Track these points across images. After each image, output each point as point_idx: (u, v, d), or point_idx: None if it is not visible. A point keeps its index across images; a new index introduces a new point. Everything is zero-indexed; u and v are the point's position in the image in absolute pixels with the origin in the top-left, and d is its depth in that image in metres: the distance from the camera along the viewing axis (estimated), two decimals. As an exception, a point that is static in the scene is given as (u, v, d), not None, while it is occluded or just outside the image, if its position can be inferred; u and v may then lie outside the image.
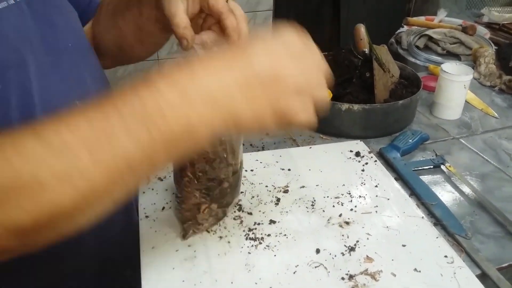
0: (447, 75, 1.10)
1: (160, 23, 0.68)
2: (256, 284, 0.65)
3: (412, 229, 0.75)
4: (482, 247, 0.75)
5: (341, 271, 0.68)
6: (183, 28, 0.60)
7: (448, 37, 1.64)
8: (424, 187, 0.86)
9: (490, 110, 1.18)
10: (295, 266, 0.68)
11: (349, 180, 0.86)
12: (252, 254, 0.70)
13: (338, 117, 1.02)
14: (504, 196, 0.87)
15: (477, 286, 0.66)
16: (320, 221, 0.77)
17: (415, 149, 1.00)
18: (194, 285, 0.65)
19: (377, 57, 1.07)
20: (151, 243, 0.72)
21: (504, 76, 1.29)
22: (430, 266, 0.68)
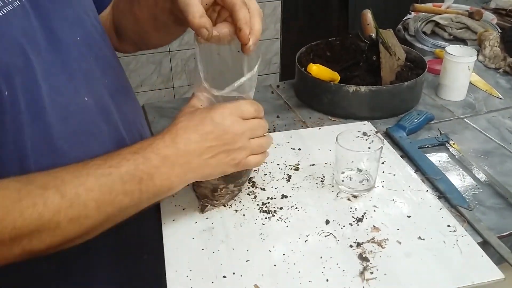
0: (451, 57, 1.13)
1: (173, 15, 0.69)
2: (270, 252, 0.70)
3: (417, 202, 0.80)
4: (484, 218, 0.79)
5: (349, 239, 0.72)
6: (200, 17, 0.60)
7: (454, 22, 1.67)
8: (428, 163, 0.90)
9: (494, 91, 1.21)
10: (306, 236, 0.73)
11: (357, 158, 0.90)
12: (265, 225, 0.75)
13: (346, 99, 1.06)
14: (506, 171, 0.91)
15: (478, 252, 0.70)
16: (329, 195, 0.82)
17: (420, 129, 1.04)
18: (212, 253, 0.70)
19: (383, 40, 1.10)
20: (171, 216, 0.77)
21: (509, 58, 1.32)
22: (434, 235, 0.73)
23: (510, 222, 0.78)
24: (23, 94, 0.59)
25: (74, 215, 0.56)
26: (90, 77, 0.69)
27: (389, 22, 1.59)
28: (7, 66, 0.57)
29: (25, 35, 0.59)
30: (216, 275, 0.66)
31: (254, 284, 0.65)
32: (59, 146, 0.63)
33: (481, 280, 0.65)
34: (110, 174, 0.58)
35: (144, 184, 0.61)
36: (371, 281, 0.65)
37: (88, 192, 0.57)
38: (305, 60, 1.18)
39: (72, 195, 0.56)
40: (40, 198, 0.54)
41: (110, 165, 0.59)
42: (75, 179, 0.57)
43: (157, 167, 0.61)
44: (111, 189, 0.58)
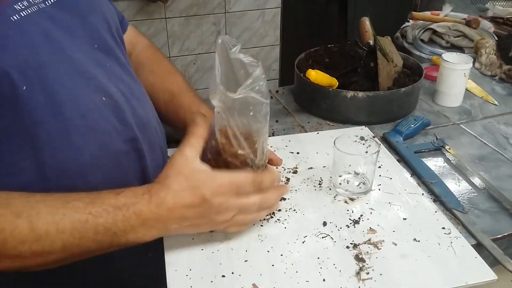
0: (448, 64, 1.15)
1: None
2: (268, 252, 0.72)
3: (412, 204, 0.81)
4: (478, 221, 0.80)
5: (346, 241, 0.74)
6: None
7: (452, 30, 1.69)
8: (424, 167, 0.92)
9: (490, 97, 1.23)
10: (303, 237, 0.74)
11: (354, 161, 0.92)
12: (264, 226, 0.77)
13: (344, 104, 1.08)
14: (501, 175, 0.92)
15: (472, 254, 0.71)
16: (327, 198, 0.83)
17: (417, 134, 1.06)
18: (212, 253, 0.71)
19: (381, 47, 1.12)
20: (171, 217, 0.78)
21: (504, 65, 1.34)
22: (429, 237, 0.74)
23: (504, 225, 0.80)
24: (43, 89, 0.61)
25: (39, 250, 0.57)
26: (107, 80, 0.71)
27: (388, 29, 1.61)
28: (27, 62, 0.59)
29: (47, 35, 0.63)
30: (215, 274, 0.68)
31: (252, 284, 0.66)
32: (75, 141, 0.66)
33: (474, 281, 0.67)
34: (87, 221, 0.59)
35: (116, 238, 0.62)
36: (367, 281, 0.66)
37: (59, 232, 0.58)
38: (304, 66, 1.20)
39: (42, 231, 0.57)
40: (10, 225, 0.56)
41: (89, 212, 0.59)
42: (50, 216, 0.58)
43: (134, 227, 0.62)
44: (82, 235, 0.59)
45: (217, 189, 0.65)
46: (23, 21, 0.60)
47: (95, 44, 0.72)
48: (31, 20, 0.61)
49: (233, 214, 0.68)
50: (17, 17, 0.59)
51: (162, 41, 2.51)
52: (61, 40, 0.65)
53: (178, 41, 2.52)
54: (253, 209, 0.70)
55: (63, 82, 0.64)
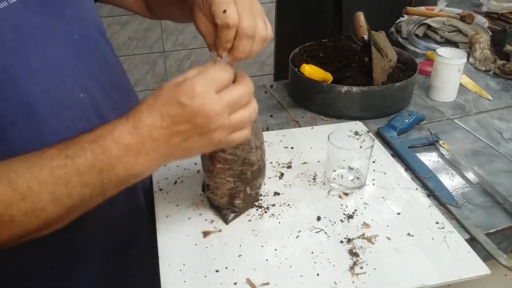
0: (442, 59, 1.15)
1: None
2: (262, 247, 0.71)
3: (406, 199, 0.81)
4: (472, 215, 0.80)
5: (340, 235, 0.74)
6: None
7: (446, 25, 1.70)
8: (418, 162, 0.92)
9: (484, 92, 1.23)
10: (297, 231, 0.74)
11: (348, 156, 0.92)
12: (258, 221, 0.76)
13: (338, 99, 1.08)
14: (494, 170, 0.92)
15: (465, 248, 0.71)
16: (321, 193, 0.83)
17: (411, 129, 1.06)
18: (205, 248, 0.71)
19: (375, 42, 1.12)
20: (165, 212, 0.78)
21: (498, 60, 1.34)
22: (422, 231, 0.74)
23: (497, 220, 0.80)
24: (14, 89, 0.59)
25: (28, 209, 0.53)
26: (86, 75, 0.69)
27: (382, 24, 1.61)
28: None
29: (20, 31, 0.60)
30: (209, 269, 0.67)
31: (246, 278, 0.66)
32: (50, 142, 0.62)
33: (468, 275, 0.67)
34: (66, 165, 0.53)
35: (106, 175, 0.55)
36: (360, 276, 0.66)
37: (41, 185, 0.53)
38: (298, 60, 1.20)
39: (24, 189, 0.53)
40: None
41: (66, 156, 0.54)
42: (28, 171, 0.53)
43: (119, 157, 0.55)
44: (67, 181, 0.54)
45: (192, 88, 0.54)
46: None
47: (76, 35, 0.69)
48: (1, 17, 0.58)
49: (226, 114, 0.56)
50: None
51: (156, 35, 2.50)
52: (34, 35, 0.62)
53: (172, 36, 2.51)
54: (244, 99, 0.58)
55: (35, 81, 0.61)
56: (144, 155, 0.56)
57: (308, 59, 1.21)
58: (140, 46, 2.52)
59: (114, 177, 0.55)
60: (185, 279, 0.66)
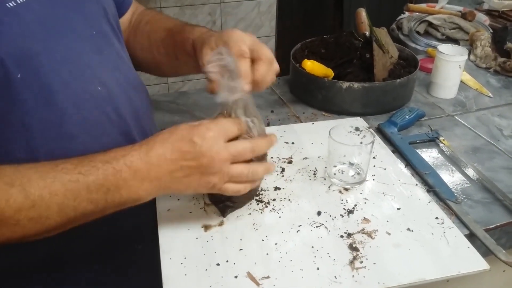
0: (443, 56, 1.16)
1: (195, 69, 0.78)
2: (262, 241, 0.72)
3: (406, 195, 0.82)
4: (471, 211, 0.81)
5: (340, 230, 0.74)
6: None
7: (447, 22, 1.69)
8: (418, 158, 0.92)
9: (485, 90, 1.24)
10: (298, 226, 0.75)
11: (349, 152, 0.92)
12: (259, 215, 0.77)
13: (339, 95, 1.08)
14: (494, 167, 0.93)
15: (465, 243, 0.72)
16: (321, 188, 0.84)
17: (411, 125, 1.06)
18: (206, 241, 0.72)
19: (377, 38, 1.12)
20: (166, 206, 0.79)
21: (499, 58, 1.34)
22: (422, 226, 0.75)
23: (497, 216, 0.81)
24: (37, 78, 0.61)
25: (35, 216, 0.57)
26: (103, 69, 0.71)
27: (383, 21, 1.60)
28: (22, 50, 0.59)
29: (45, 23, 0.63)
30: (210, 263, 0.68)
31: (247, 272, 0.66)
32: (69, 131, 0.66)
33: (467, 270, 0.67)
34: (78, 181, 0.58)
35: (111, 195, 0.60)
36: (360, 270, 0.67)
37: (52, 196, 0.57)
38: (300, 56, 1.20)
39: (35, 197, 0.56)
40: (4, 195, 0.55)
41: (79, 172, 0.58)
42: (41, 181, 0.57)
43: (126, 180, 0.60)
44: (76, 195, 0.58)
45: (205, 132, 0.62)
46: (19, 8, 0.59)
47: (94, 31, 0.71)
48: (28, 7, 0.60)
49: (228, 162, 0.64)
50: (13, 3, 0.59)
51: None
52: (58, 27, 0.64)
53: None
54: (246, 154, 0.66)
55: (57, 71, 0.64)
56: (148, 182, 0.62)
57: (310, 55, 1.21)
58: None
59: (117, 198, 0.61)
60: (186, 272, 0.66)
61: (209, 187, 0.66)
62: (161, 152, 0.61)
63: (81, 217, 0.60)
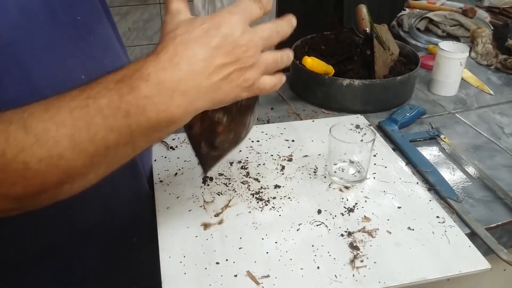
0: (444, 53, 1.15)
1: None
2: (262, 239, 0.71)
3: (407, 193, 0.81)
4: (472, 210, 0.80)
5: (340, 229, 0.74)
6: None
7: (448, 19, 1.69)
8: (419, 156, 0.91)
9: (486, 87, 1.23)
10: (298, 224, 0.74)
11: (349, 149, 0.92)
12: (259, 214, 0.76)
13: (340, 92, 1.08)
14: (495, 165, 0.92)
15: (466, 242, 0.71)
16: (321, 186, 0.83)
17: (412, 123, 1.05)
18: (206, 240, 0.71)
19: (377, 35, 1.12)
20: (165, 204, 0.78)
21: (500, 55, 1.34)
22: (423, 225, 0.74)
23: (498, 214, 0.80)
24: (17, 65, 0.58)
25: (44, 154, 0.47)
26: (88, 56, 0.69)
27: (384, 18, 1.60)
28: (1, 37, 0.56)
29: (24, 9, 0.60)
30: (210, 261, 0.67)
31: (246, 271, 0.66)
32: None
33: (468, 270, 0.67)
34: (87, 106, 0.48)
35: (133, 119, 0.48)
36: (361, 269, 0.66)
37: (58, 127, 0.47)
38: (300, 53, 1.19)
39: (38, 131, 0.47)
40: (3, 134, 0.47)
41: (87, 96, 0.48)
42: (44, 113, 0.48)
43: (149, 97, 0.48)
44: (88, 124, 0.47)
45: (231, 19, 0.52)
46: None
47: (78, 16, 0.68)
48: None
49: (260, 50, 0.54)
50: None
51: (156, 27, 2.49)
52: (38, 14, 0.61)
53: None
54: (274, 37, 0.56)
55: (38, 58, 0.60)
56: (181, 95, 0.50)
57: (310, 51, 1.20)
58: (140, 37, 2.51)
59: (144, 121, 0.49)
60: (185, 271, 0.66)
61: (247, 87, 0.55)
62: (190, 54, 0.50)
63: (105, 152, 0.49)
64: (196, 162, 0.69)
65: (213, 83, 0.51)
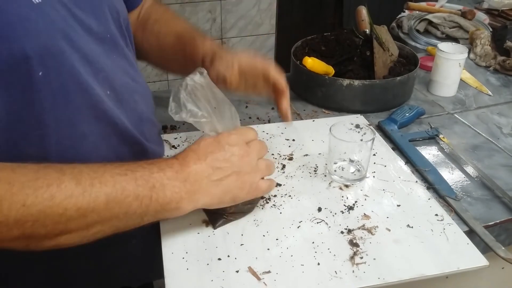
0: (443, 54, 1.16)
1: None
2: (263, 236, 0.72)
3: (406, 192, 0.82)
4: (471, 208, 0.81)
5: (340, 226, 0.75)
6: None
7: (447, 21, 1.70)
8: (418, 155, 0.92)
9: (484, 88, 1.24)
10: (298, 222, 0.75)
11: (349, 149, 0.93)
12: (260, 211, 0.77)
13: (340, 93, 1.09)
14: (493, 164, 0.93)
15: (464, 240, 0.72)
16: (322, 185, 0.84)
17: (411, 123, 1.07)
18: (208, 237, 0.72)
19: (377, 36, 1.13)
20: (168, 201, 0.79)
21: (499, 56, 1.35)
22: (422, 223, 0.75)
23: (496, 213, 0.81)
24: (57, 76, 0.61)
25: (83, 205, 0.56)
26: (113, 73, 0.71)
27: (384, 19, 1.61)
28: (46, 47, 0.58)
29: (67, 21, 0.62)
30: (212, 257, 0.68)
31: (248, 267, 0.67)
32: (81, 130, 0.66)
33: (466, 267, 0.68)
34: (126, 174, 0.60)
35: (155, 192, 0.61)
36: (360, 266, 0.67)
37: (102, 185, 0.58)
38: (300, 53, 1.20)
39: (86, 185, 0.57)
40: (56, 181, 0.55)
41: (127, 168, 0.61)
42: (92, 172, 0.58)
43: (170, 179, 0.62)
44: (124, 188, 0.59)
45: (229, 137, 0.69)
46: (44, 5, 0.58)
47: (108, 34, 0.71)
48: (51, 4, 0.59)
49: (255, 159, 0.70)
50: (39, 0, 0.58)
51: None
52: (75, 28, 0.64)
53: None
54: (263, 150, 0.73)
55: (77, 71, 0.63)
56: (189, 184, 0.64)
57: (310, 52, 1.21)
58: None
59: (162, 196, 0.62)
60: (187, 267, 0.67)
61: (246, 188, 0.69)
62: (195, 158, 0.66)
63: (123, 216, 0.60)
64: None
65: (212, 182, 0.66)
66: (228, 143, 0.68)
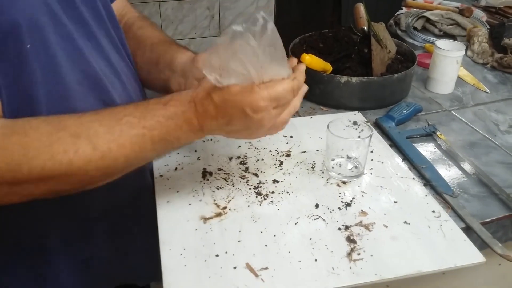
0: (440, 51, 1.16)
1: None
2: (261, 233, 0.72)
3: (403, 188, 0.83)
4: (468, 205, 0.82)
5: (338, 222, 0.75)
6: None
7: (445, 18, 1.70)
8: (416, 152, 0.93)
9: (482, 85, 1.24)
10: (296, 218, 0.75)
11: (347, 145, 0.93)
12: (257, 208, 0.78)
13: (338, 90, 1.09)
14: (490, 161, 0.94)
15: (461, 236, 0.73)
16: (319, 181, 0.84)
17: (409, 120, 1.07)
18: (206, 233, 0.72)
19: (375, 33, 1.13)
20: (165, 198, 0.79)
21: (496, 54, 1.35)
22: (419, 219, 0.76)
23: (493, 210, 0.81)
24: (45, 49, 0.62)
25: (103, 166, 0.60)
26: (99, 53, 0.72)
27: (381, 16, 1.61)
28: (32, 19, 0.59)
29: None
30: (209, 254, 0.68)
31: (245, 263, 0.67)
32: (73, 106, 0.67)
33: (463, 263, 0.68)
34: (144, 135, 0.61)
35: (171, 145, 0.65)
36: (357, 262, 0.68)
37: (120, 148, 0.60)
38: (298, 51, 1.20)
39: (104, 149, 0.59)
40: (72, 146, 0.57)
41: (143, 126, 0.61)
42: (108, 135, 0.59)
43: (185, 132, 0.64)
44: (141, 148, 0.62)
45: (257, 104, 0.63)
46: None
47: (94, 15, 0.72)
48: None
49: (274, 120, 0.67)
50: None
51: (155, 24, 2.49)
52: (65, 4, 0.65)
53: (171, 25, 2.50)
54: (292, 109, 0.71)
55: (63, 45, 0.64)
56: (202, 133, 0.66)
57: (308, 49, 1.21)
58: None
59: (176, 146, 0.67)
60: (185, 263, 0.67)
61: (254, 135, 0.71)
62: (214, 123, 0.65)
63: (142, 163, 0.67)
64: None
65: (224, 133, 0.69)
66: (252, 113, 0.63)
